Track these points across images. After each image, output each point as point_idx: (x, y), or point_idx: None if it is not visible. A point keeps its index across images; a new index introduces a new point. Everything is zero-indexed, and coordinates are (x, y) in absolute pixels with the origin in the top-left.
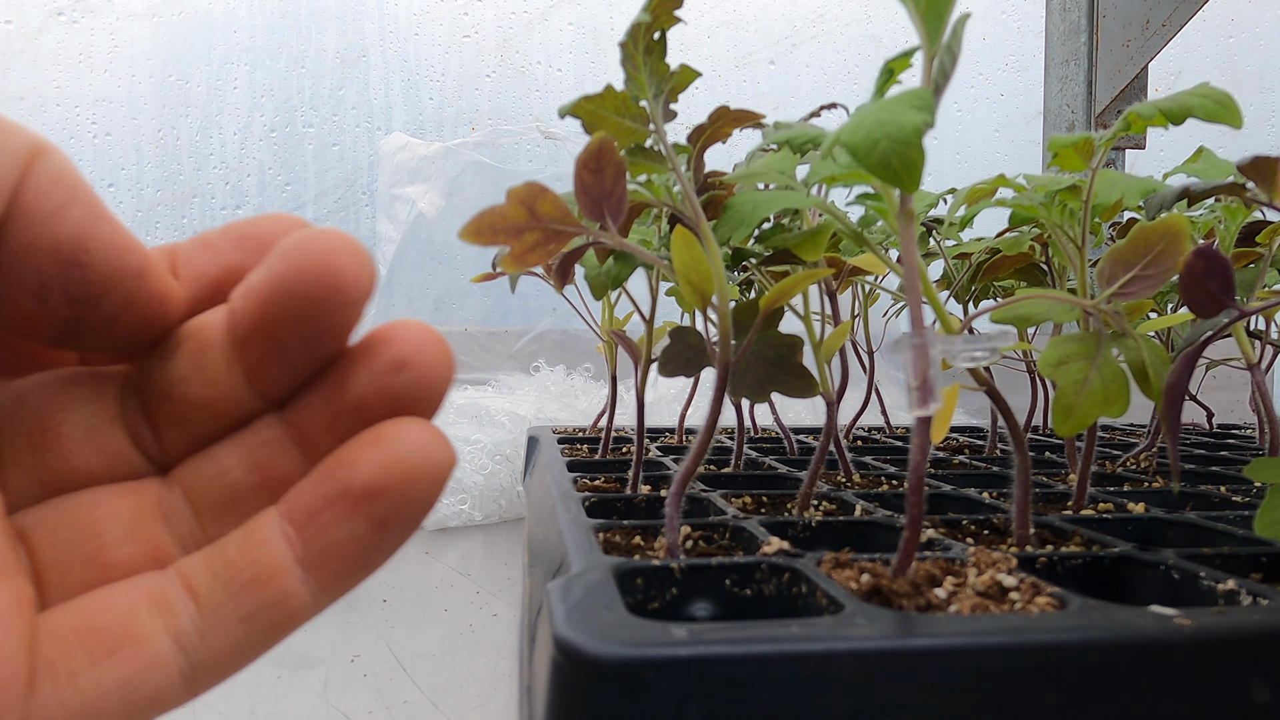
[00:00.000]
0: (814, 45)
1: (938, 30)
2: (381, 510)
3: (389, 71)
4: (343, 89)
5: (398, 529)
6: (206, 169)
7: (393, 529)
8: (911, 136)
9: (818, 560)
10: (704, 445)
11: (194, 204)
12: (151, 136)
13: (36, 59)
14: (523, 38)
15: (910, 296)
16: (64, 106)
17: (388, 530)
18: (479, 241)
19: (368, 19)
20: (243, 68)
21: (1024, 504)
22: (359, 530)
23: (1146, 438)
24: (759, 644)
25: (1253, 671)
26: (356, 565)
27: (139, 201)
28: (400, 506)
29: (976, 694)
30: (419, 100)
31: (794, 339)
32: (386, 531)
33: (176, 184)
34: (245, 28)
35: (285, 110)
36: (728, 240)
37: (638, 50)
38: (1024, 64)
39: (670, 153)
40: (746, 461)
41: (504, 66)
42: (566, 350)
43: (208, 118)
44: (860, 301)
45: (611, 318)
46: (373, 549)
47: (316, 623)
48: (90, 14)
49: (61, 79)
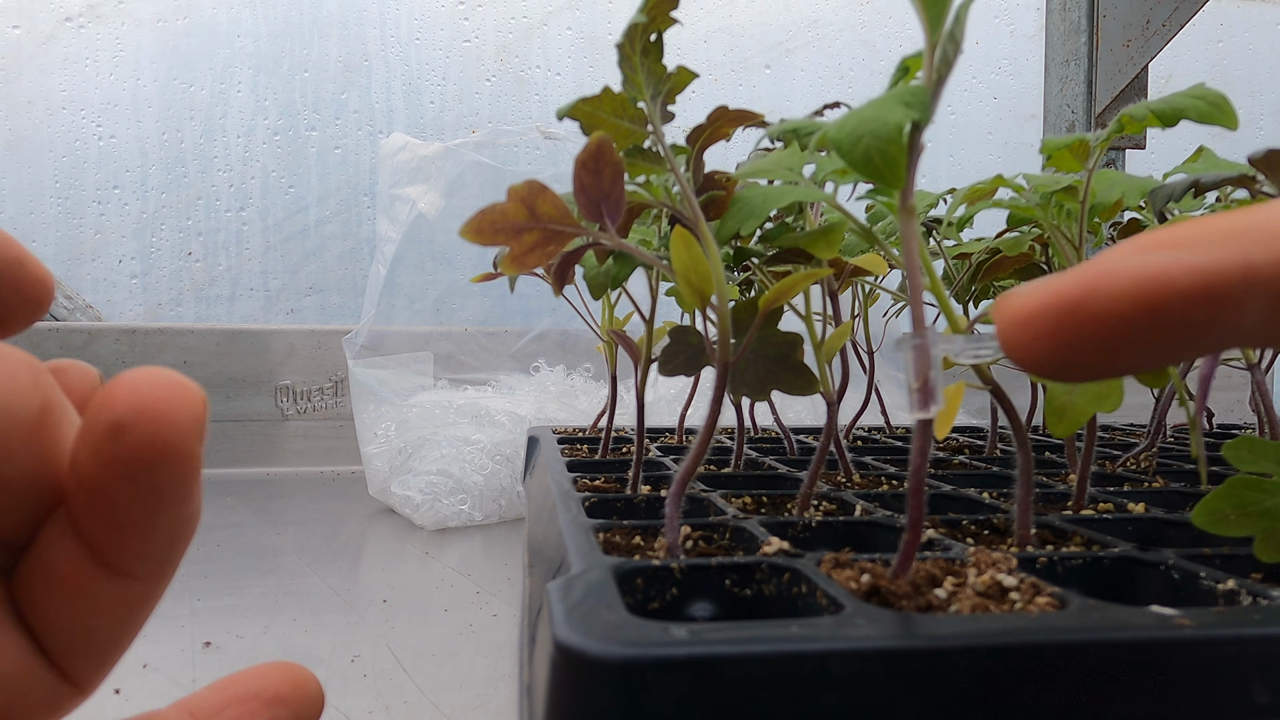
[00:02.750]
0: (809, 51)
1: (939, 17)
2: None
3: (390, 76)
4: (345, 93)
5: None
6: (211, 172)
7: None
8: (893, 133)
9: (818, 560)
10: (704, 445)
11: (199, 206)
12: (156, 140)
13: (45, 65)
14: (522, 43)
15: (912, 294)
16: (70, 111)
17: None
18: (479, 240)
19: (370, 25)
20: (247, 73)
21: (1026, 504)
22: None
23: (1146, 438)
24: (759, 644)
25: (1253, 671)
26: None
27: (144, 204)
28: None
29: (976, 694)
30: (420, 104)
31: (794, 336)
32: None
33: (181, 187)
34: (249, 34)
35: (288, 114)
36: (736, 233)
37: (634, 51)
38: (1017, 68)
39: (668, 153)
40: (746, 461)
41: (504, 71)
42: (566, 350)
43: (212, 122)
44: (860, 301)
45: (611, 318)
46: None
47: (317, 623)
48: (98, 20)
49: (69, 84)
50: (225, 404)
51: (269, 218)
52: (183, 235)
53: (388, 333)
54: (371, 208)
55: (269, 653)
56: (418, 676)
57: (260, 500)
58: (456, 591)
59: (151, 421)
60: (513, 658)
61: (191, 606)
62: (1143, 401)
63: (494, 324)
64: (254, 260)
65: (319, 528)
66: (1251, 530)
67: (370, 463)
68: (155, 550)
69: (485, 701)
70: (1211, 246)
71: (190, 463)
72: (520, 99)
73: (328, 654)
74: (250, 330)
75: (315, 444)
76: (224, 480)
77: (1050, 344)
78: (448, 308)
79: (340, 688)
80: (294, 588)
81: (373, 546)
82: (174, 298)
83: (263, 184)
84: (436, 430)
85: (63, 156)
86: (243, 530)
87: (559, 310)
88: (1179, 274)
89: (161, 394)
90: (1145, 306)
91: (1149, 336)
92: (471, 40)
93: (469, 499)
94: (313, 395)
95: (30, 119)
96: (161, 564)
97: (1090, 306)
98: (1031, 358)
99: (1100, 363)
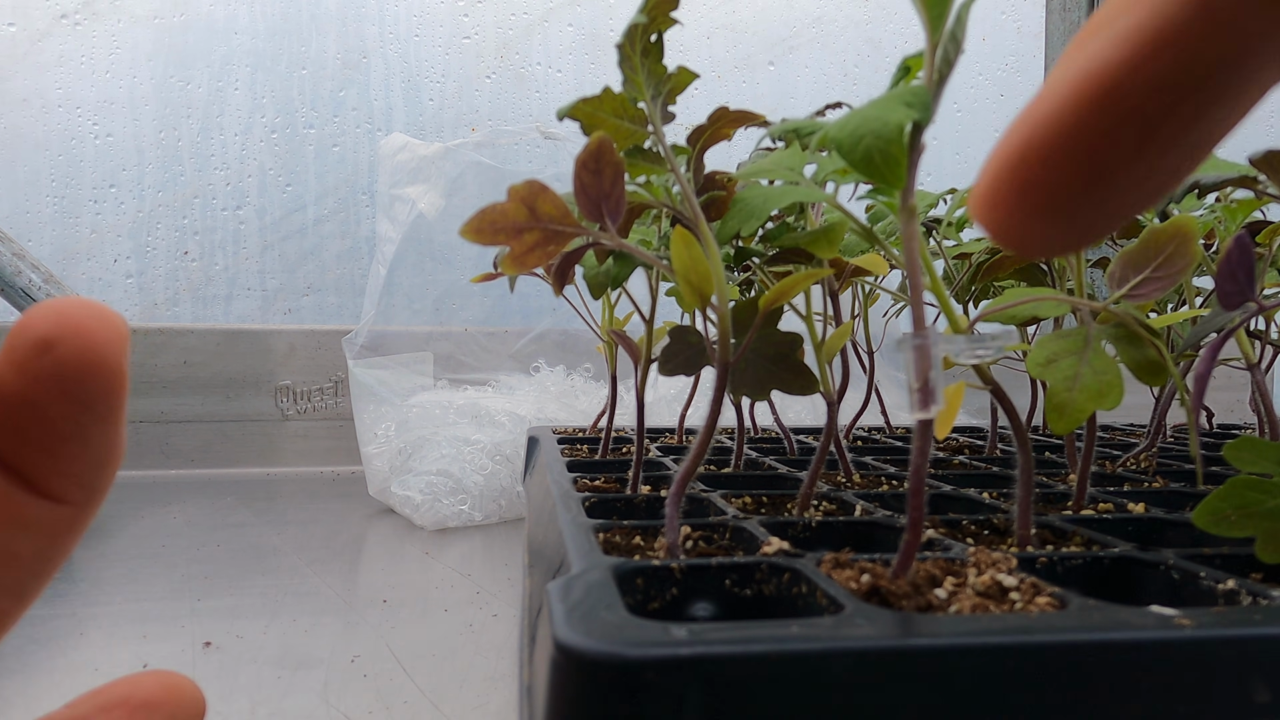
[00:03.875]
0: (812, 48)
1: (940, 17)
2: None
3: (389, 74)
4: (343, 91)
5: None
6: (208, 170)
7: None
8: (894, 133)
9: (818, 560)
10: (704, 445)
11: (195, 205)
12: (153, 138)
13: (41, 62)
14: (522, 40)
15: (913, 294)
16: (66, 109)
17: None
18: (479, 240)
19: (368, 22)
20: (244, 70)
21: (1026, 503)
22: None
23: (1146, 438)
24: (759, 644)
25: (1253, 671)
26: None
27: (141, 203)
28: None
29: (976, 694)
30: (419, 102)
31: (794, 336)
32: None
33: (178, 185)
34: (246, 31)
35: (286, 112)
36: (736, 233)
37: (635, 52)
38: (1023, 65)
39: (669, 154)
40: (746, 461)
41: (504, 69)
42: (566, 350)
43: (209, 119)
44: (860, 301)
45: (611, 318)
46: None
47: (316, 623)
48: (94, 17)
49: (65, 82)
50: (225, 404)
51: (266, 216)
52: (179, 234)
53: (388, 333)
54: (370, 206)
55: (269, 653)
56: (418, 676)
57: (260, 500)
58: (456, 591)
59: (78, 336)
60: (513, 658)
61: (191, 606)
62: (1143, 401)
63: (494, 324)
64: (251, 259)
65: (319, 528)
66: (1253, 531)
67: (370, 463)
68: (83, 472)
69: (485, 701)
70: (1138, 1)
71: (118, 378)
72: (521, 96)
73: (328, 654)
74: (250, 330)
75: (315, 444)
76: (224, 480)
77: (1029, 216)
78: (448, 308)
79: (340, 688)
80: (294, 588)
81: (373, 546)
82: (170, 297)
83: (260, 182)
84: (436, 430)
85: (58, 155)
86: (243, 530)
87: (559, 310)
88: (1119, 50)
89: (85, 313)
90: (1108, 104)
91: (1130, 128)
92: (471, 37)
93: (469, 499)
94: (312, 395)
95: (25, 117)
96: (89, 489)
97: (1043, 144)
98: (1023, 240)
99: (1097, 199)
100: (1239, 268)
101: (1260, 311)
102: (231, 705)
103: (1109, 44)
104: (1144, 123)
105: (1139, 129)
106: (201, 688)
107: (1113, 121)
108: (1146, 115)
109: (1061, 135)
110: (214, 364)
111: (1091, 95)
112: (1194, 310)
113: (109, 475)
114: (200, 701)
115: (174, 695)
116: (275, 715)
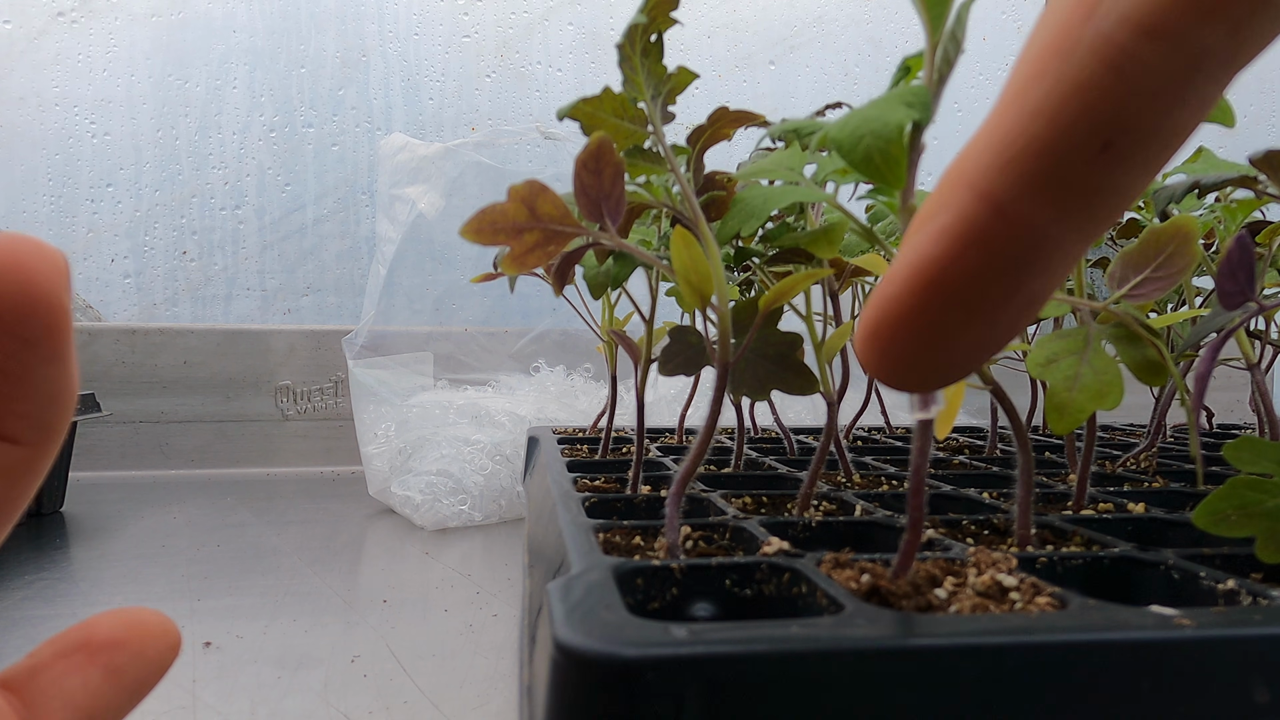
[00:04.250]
0: (813, 47)
1: (941, 17)
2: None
3: (389, 72)
4: (342, 90)
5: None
6: (206, 169)
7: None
8: (894, 133)
9: (818, 560)
10: (704, 445)
11: (193, 204)
12: (151, 137)
13: (38, 60)
14: (523, 39)
15: None
16: (63, 107)
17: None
18: (479, 240)
19: (368, 20)
20: (242, 68)
21: (1026, 503)
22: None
23: (1146, 438)
24: (759, 644)
25: (1253, 671)
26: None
27: (138, 202)
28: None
29: (976, 694)
30: (419, 101)
31: (794, 336)
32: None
33: (176, 184)
34: (245, 29)
35: (285, 111)
36: (736, 234)
37: (635, 52)
38: None
39: (669, 154)
40: (746, 462)
41: (504, 67)
42: (566, 350)
43: (207, 118)
44: (861, 301)
45: (611, 318)
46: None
47: (316, 623)
48: (91, 15)
49: (62, 80)
50: (225, 404)
51: (265, 216)
52: (178, 234)
53: (388, 333)
54: (370, 206)
55: (269, 653)
56: (418, 676)
57: (260, 500)
58: (456, 591)
59: (14, 271)
60: (513, 658)
61: (191, 606)
62: (1143, 401)
63: (494, 324)
64: (250, 259)
65: (319, 528)
66: (1253, 531)
67: (370, 463)
68: (35, 411)
69: (485, 701)
70: (950, 198)
71: (60, 314)
72: (521, 95)
73: (328, 654)
74: (250, 330)
75: (315, 444)
76: (224, 480)
77: (889, 362)
78: (448, 308)
79: (340, 688)
80: (294, 588)
81: (373, 546)
82: (169, 297)
83: (259, 182)
84: (436, 430)
85: (55, 154)
86: (243, 530)
87: (559, 310)
88: (935, 247)
89: (21, 249)
90: (932, 292)
91: (954, 309)
92: (471, 36)
93: (469, 499)
94: (312, 395)
95: (22, 115)
96: (43, 429)
97: (890, 320)
98: (884, 377)
99: (950, 355)
100: (1239, 267)
101: (1260, 311)
102: (231, 705)
103: (928, 239)
104: (963, 304)
105: (960, 308)
106: (201, 688)
107: (938, 303)
108: (964, 298)
109: (900, 313)
110: (213, 364)
111: (916, 284)
112: (1194, 310)
113: (63, 414)
114: (172, 633)
115: (137, 632)
116: (275, 715)
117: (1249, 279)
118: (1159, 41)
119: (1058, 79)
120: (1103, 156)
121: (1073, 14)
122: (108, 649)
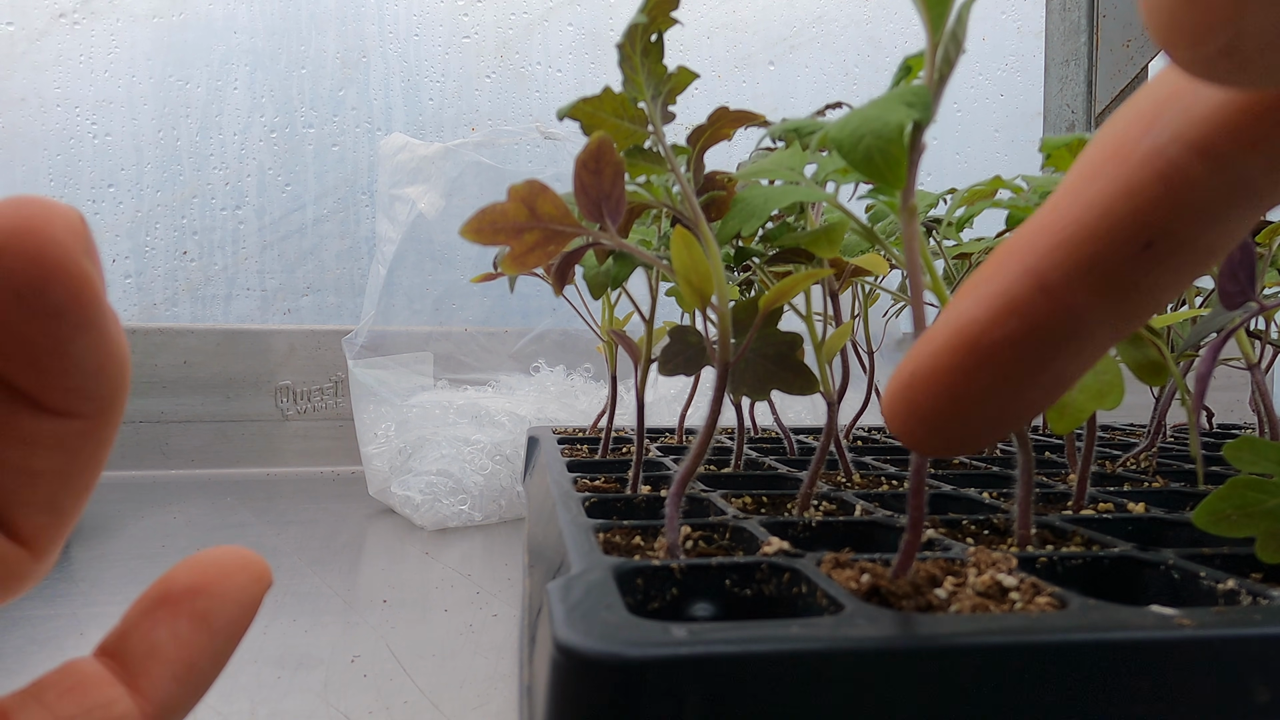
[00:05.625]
0: (813, 47)
1: (941, 17)
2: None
3: (389, 73)
4: (343, 90)
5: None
6: (206, 170)
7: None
8: (894, 133)
9: (818, 560)
10: (704, 445)
11: (194, 204)
12: (152, 138)
13: (39, 61)
14: (522, 39)
15: (913, 294)
16: (64, 108)
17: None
18: (479, 239)
19: (368, 21)
20: (243, 69)
21: (1026, 503)
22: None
23: (1146, 438)
24: (759, 644)
25: (1253, 671)
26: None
27: (139, 202)
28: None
29: (976, 694)
30: (419, 101)
31: (794, 336)
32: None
33: (176, 185)
34: (246, 30)
35: (285, 111)
36: (736, 233)
37: (635, 52)
38: (1024, 64)
39: (669, 154)
40: (746, 461)
41: (504, 68)
42: (566, 350)
43: (208, 119)
44: (861, 301)
45: (611, 318)
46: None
47: (316, 623)
48: (92, 16)
49: (63, 81)
50: (225, 404)
51: (265, 216)
52: (178, 234)
53: (388, 333)
54: (370, 206)
55: (269, 653)
56: (418, 676)
57: (260, 500)
58: (456, 591)
59: (26, 236)
60: (513, 658)
61: None
62: (1143, 401)
63: (494, 324)
64: (250, 259)
65: (319, 528)
66: (1253, 531)
67: (370, 463)
68: (80, 384)
69: (485, 701)
70: (1000, 270)
71: (82, 279)
72: (521, 96)
73: (328, 654)
74: (250, 330)
75: (315, 444)
76: (224, 480)
77: (916, 419)
78: (448, 308)
79: (340, 688)
80: (294, 588)
81: (373, 546)
82: (169, 297)
83: (259, 182)
84: (436, 430)
85: (56, 154)
86: (243, 530)
87: (559, 310)
88: (980, 310)
89: (32, 212)
90: (970, 353)
91: (987, 372)
92: (471, 36)
93: (469, 499)
94: (312, 395)
95: (23, 116)
96: (96, 400)
97: (925, 375)
98: (907, 431)
99: (974, 420)
100: (1240, 267)
101: (1261, 311)
102: (231, 705)
103: (974, 302)
104: (996, 367)
105: (993, 372)
106: None
107: (973, 364)
108: (999, 361)
109: (936, 370)
110: (214, 364)
111: (956, 342)
112: (1194, 310)
113: (111, 385)
114: (256, 567)
115: (217, 573)
116: (275, 715)
117: (1249, 279)
118: (1205, 160)
119: (1112, 180)
120: (1144, 255)
121: (1132, 126)
122: (189, 596)
